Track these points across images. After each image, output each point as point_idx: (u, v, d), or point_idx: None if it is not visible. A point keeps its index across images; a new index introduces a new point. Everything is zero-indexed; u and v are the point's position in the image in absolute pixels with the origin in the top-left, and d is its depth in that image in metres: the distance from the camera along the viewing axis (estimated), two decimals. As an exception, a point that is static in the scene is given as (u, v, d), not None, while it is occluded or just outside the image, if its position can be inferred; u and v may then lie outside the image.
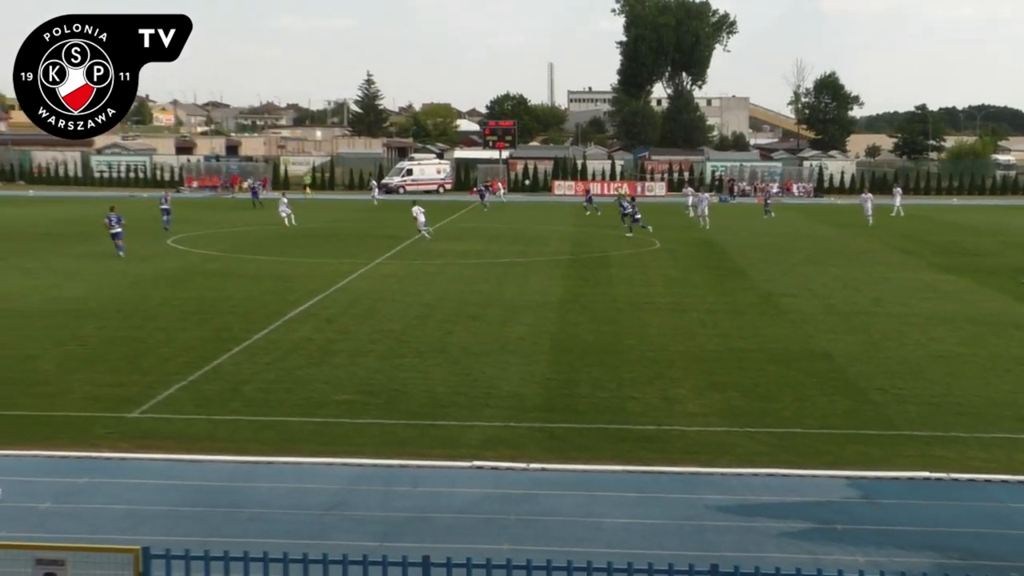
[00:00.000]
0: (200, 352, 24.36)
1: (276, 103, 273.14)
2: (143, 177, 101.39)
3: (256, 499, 15.04)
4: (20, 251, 44.59)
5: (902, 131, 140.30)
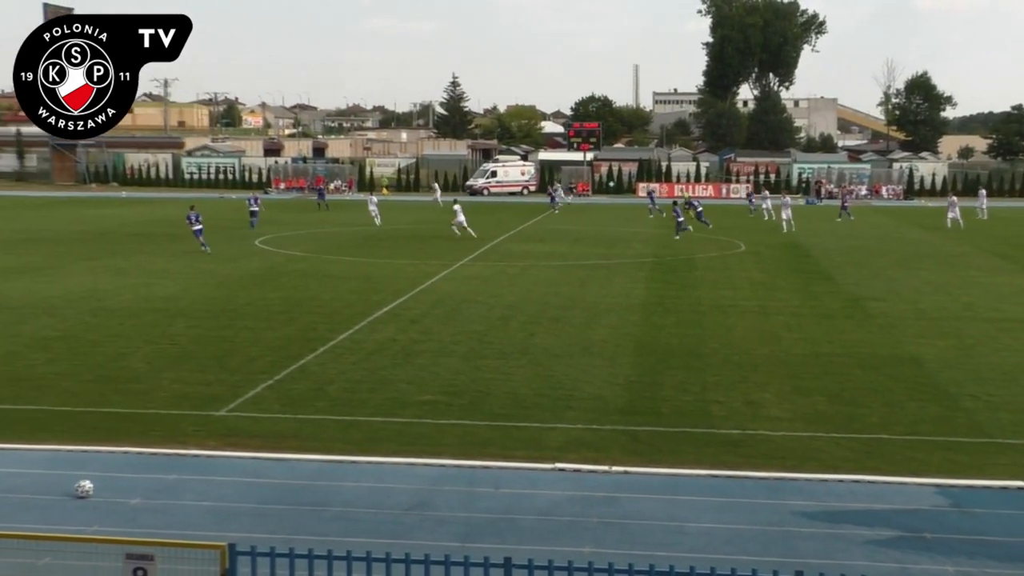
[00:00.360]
0: (286, 352, 24.65)
1: (362, 105, 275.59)
2: (232, 179, 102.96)
3: (340, 498, 15.17)
4: (113, 251, 45.52)
5: (997, 132, 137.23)
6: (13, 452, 17.05)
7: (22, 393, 20.72)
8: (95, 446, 17.33)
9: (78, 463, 16.38)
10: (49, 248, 46.65)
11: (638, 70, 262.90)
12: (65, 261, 41.84)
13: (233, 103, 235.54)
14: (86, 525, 13.52)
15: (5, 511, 14.29)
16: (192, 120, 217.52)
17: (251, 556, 9.59)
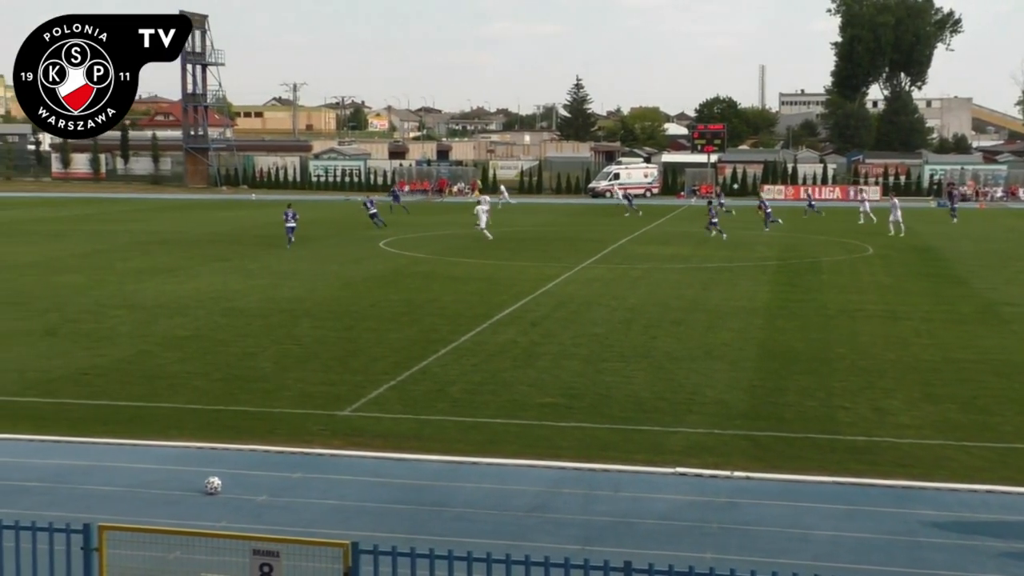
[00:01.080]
0: (408, 353, 24.91)
1: (486, 108, 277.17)
2: (357, 181, 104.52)
3: (460, 498, 15.27)
4: (242, 253, 46.58)
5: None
6: (147, 448, 17.55)
7: (156, 391, 21.32)
8: (224, 444, 17.74)
9: (208, 460, 16.79)
10: (181, 249, 47.95)
11: (764, 71, 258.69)
12: (196, 262, 42.95)
13: (359, 107, 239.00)
14: (215, 521, 13.84)
15: (139, 506, 14.71)
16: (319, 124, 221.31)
17: (373, 555, 9.71)
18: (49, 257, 44.65)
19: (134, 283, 36.53)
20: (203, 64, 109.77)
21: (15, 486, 15.58)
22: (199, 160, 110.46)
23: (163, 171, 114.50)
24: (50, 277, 38.03)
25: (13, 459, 16.91)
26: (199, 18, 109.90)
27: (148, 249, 48.14)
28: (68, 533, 10.10)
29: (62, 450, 17.41)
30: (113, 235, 54.73)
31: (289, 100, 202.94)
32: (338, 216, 69.98)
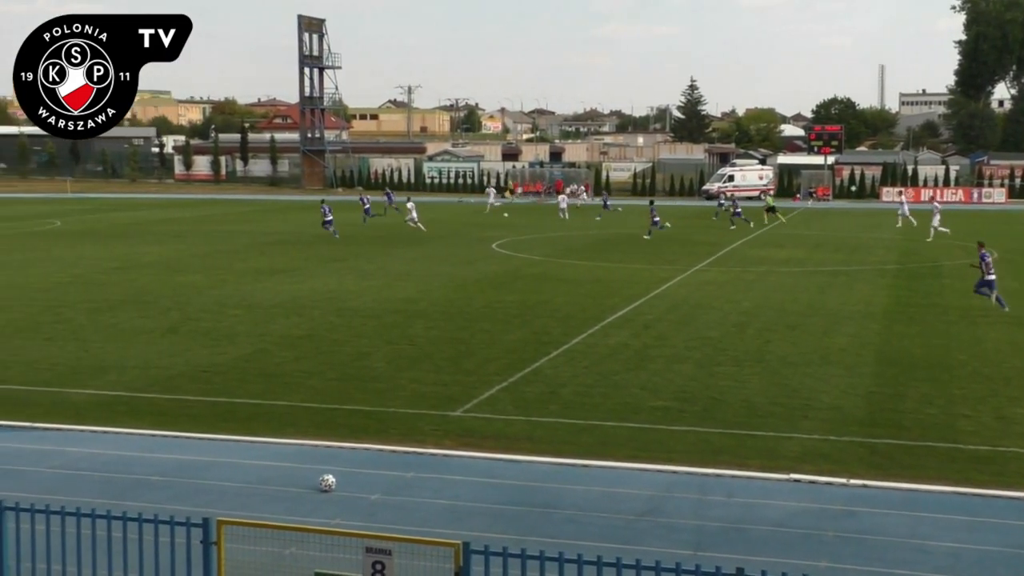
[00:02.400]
0: (520, 354, 24.96)
1: (599, 110, 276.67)
2: (471, 183, 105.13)
3: (571, 501, 15.24)
4: (357, 253, 47.17)
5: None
6: (264, 445, 17.88)
7: (272, 389, 21.70)
8: (338, 442, 17.97)
9: (322, 458, 17.03)
10: (298, 250, 48.76)
11: (884, 70, 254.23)
12: (312, 263, 43.63)
13: (473, 109, 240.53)
14: (329, 518, 14.03)
15: (256, 502, 14.98)
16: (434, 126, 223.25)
17: (484, 555, 9.73)
18: (171, 257, 45.80)
19: (252, 283, 37.25)
20: (320, 68, 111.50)
21: (138, 479, 16.00)
22: (315, 162, 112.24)
23: (281, 173, 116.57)
24: (172, 276, 38.99)
25: (136, 453, 17.36)
26: (317, 22, 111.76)
27: (266, 250, 49.05)
28: (188, 527, 10.32)
29: (183, 445, 17.82)
30: (232, 236, 55.90)
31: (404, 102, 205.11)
32: (452, 217, 70.43)
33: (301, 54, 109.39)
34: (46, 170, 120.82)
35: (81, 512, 10.71)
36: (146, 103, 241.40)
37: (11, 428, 18.81)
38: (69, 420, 19.26)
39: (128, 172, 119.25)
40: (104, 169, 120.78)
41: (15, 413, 19.67)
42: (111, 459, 17.04)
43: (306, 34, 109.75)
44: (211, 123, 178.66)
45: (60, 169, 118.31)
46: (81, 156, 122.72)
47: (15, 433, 18.53)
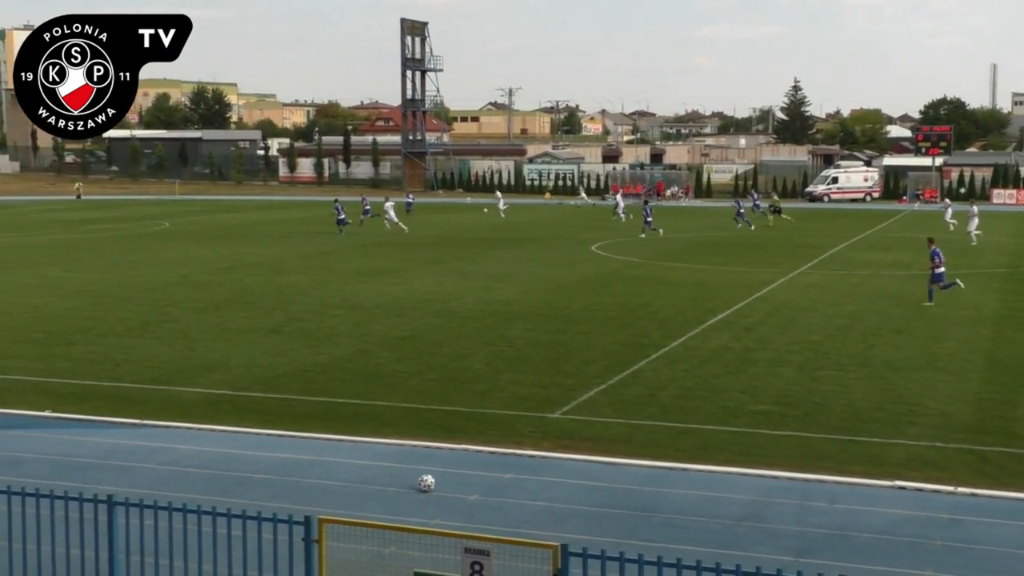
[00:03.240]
0: (619, 357, 24.88)
1: (701, 111, 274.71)
2: (571, 185, 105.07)
3: (670, 504, 15.15)
4: (457, 255, 47.48)
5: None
6: (365, 445, 18.07)
7: (373, 389, 21.93)
8: (437, 443, 18.09)
9: (422, 458, 17.15)
10: (399, 252, 49.21)
11: (996, 69, 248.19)
12: (413, 264, 44.00)
13: (574, 110, 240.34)
14: (428, 518, 14.12)
15: (357, 500, 15.15)
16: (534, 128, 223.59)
17: (583, 558, 9.70)
18: (274, 258, 46.56)
19: (354, 284, 37.69)
20: (422, 70, 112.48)
21: (242, 477, 16.29)
22: (417, 164, 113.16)
23: (383, 175, 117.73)
24: (275, 277, 39.63)
25: (240, 451, 17.68)
26: (419, 25, 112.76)
27: (367, 251, 49.59)
28: (290, 524, 10.47)
29: (285, 444, 18.09)
30: (334, 237, 56.60)
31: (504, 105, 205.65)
32: (551, 219, 70.48)
33: (403, 57, 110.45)
34: (156, 172, 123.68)
35: (188, 508, 10.94)
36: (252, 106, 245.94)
37: (122, 425, 19.29)
38: (177, 417, 19.69)
39: (234, 174, 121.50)
40: (211, 171, 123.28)
41: (126, 410, 20.18)
42: (217, 456, 17.38)
43: (409, 37, 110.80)
44: (315, 126, 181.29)
45: (169, 172, 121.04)
46: (189, 159, 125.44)
47: (126, 430, 19.00)
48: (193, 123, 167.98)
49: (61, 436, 18.57)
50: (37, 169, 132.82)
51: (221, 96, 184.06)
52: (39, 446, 17.93)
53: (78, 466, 16.74)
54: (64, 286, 37.44)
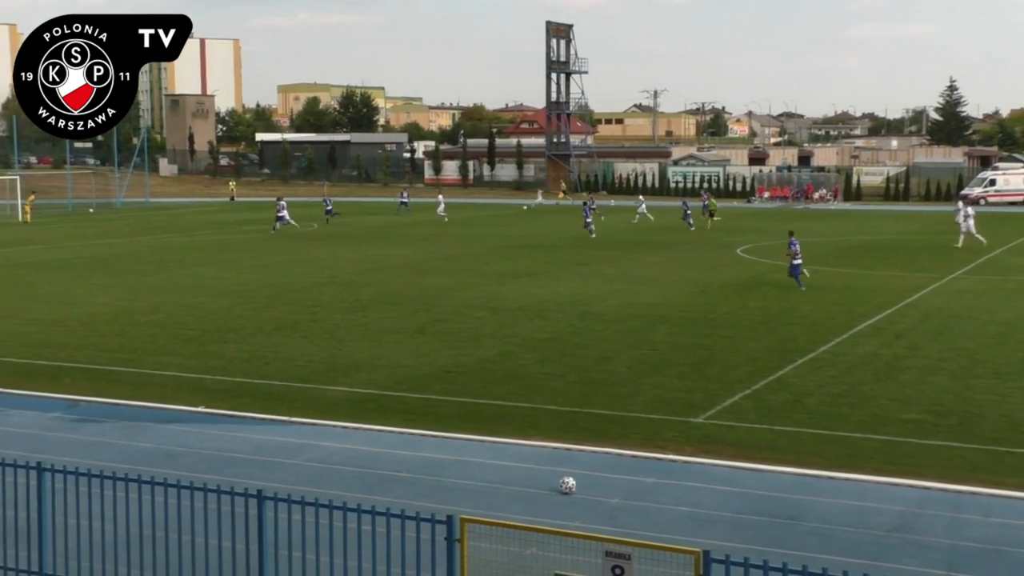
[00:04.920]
0: (764, 362, 24.51)
1: (851, 112, 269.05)
2: (716, 187, 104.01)
3: (816, 513, 14.85)
4: (601, 257, 47.40)
5: None
6: (506, 446, 18.16)
7: (515, 391, 22.03)
8: (579, 445, 18.08)
9: (563, 460, 17.16)
10: (542, 254, 49.37)
11: None
12: (556, 266, 44.08)
13: (719, 112, 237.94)
14: (569, 520, 14.12)
15: (499, 501, 15.24)
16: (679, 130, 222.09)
17: (725, 565, 9.57)
18: (419, 259, 47.16)
19: (497, 286, 37.93)
20: (567, 73, 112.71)
21: (386, 475, 16.53)
22: (561, 166, 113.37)
23: (526, 177, 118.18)
24: (420, 278, 40.14)
25: (385, 450, 17.95)
26: (564, 28, 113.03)
27: (510, 253, 49.86)
28: (433, 523, 10.58)
29: (428, 443, 18.30)
30: (478, 239, 57.08)
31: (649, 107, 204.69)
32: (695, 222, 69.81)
33: (548, 59, 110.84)
34: (305, 175, 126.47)
35: (333, 504, 11.14)
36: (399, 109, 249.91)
37: (272, 422, 19.77)
38: (323, 415, 20.08)
39: (380, 176, 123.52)
40: (358, 174, 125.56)
41: (275, 407, 20.68)
42: (362, 454, 17.68)
43: (554, 40, 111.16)
44: (460, 128, 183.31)
45: (318, 174, 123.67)
46: (337, 161, 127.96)
47: (275, 426, 19.47)
48: (342, 126, 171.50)
49: (213, 431, 19.14)
50: (194, 172, 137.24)
51: (369, 100, 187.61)
52: (193, 440, 18.51)
53: (229, 461, 17.22)
54: (218, 285, 38.59)
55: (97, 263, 46.69)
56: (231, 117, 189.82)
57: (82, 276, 41.75)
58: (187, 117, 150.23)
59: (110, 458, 16.82)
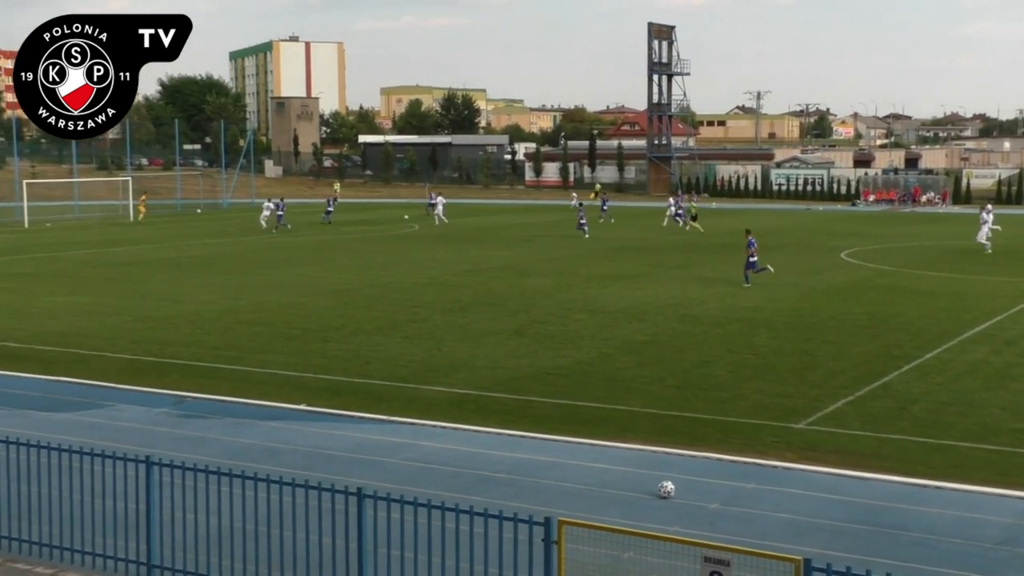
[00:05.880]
0: (868, 368, 24.07)
1: (961, 113, 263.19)
2: (820, 190, 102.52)
3: (921, 523, 14.54)
4: (701, 261, 47.02)
5: None
6: (604, 448, 18.10)
7: (613, 393, 21.95)
8: (678, 449, 17.95)
9: (661, 464, 17.05)
10: (643, 256, 49.13)
11: None
12: (656, 269, 43.84)
13: (824, 114, 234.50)
14: (667, 525, 14.02)
15: (596, 504, 15.19)
16: (782, 132, 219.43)
17: (826, 573, 9.43)
18: (519, 261, 47.27)
19: (597, 288, 37.85)
20: (669, 74, 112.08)
21: (483, 476, 16.59)
22: (662, 169, 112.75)
23: (627, 179, 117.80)
24: (520, 280, 40.22)
25: (482, 450, 18.01)
26: (666, 29, 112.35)
27: (610, 255, 49.71)
28: (530, 524, 10.59)
29: (526, 445, 18.32)
30: (579, 241, 57.00)
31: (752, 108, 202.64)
32: (798, 225, 68.97)
33: (650, 61, 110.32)
34: (407, 176, 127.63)
35: (431, 504, 11.22)
36: (500, 111, 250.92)
37: (372, 420, 19.97)
38: (422, 415, 20.22)
39: (481, 178, 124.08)
40: (459, 175, 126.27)
41: (375, 406, 20.89)
42: (460, 454, 17.76)
43: (656, 41, 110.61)
44: (561, 130, 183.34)
45: (419, 175, 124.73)
46: (439, 163, 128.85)
47: (374, 425, 19.66)
48: (443, 128, 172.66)
49: (314, 429, 19.40)
50: (298, 173, 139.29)
51: (470, 102, 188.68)
52: (293, 438, 18.78)
53: (329, 458, 17.43)
54: (320, 285, 39.12)
55: (204, 262, 47.68)
56: (335, 119, 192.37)
57: (189, 275, 42.66)
58: (292, 119, 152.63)
59: (214, 453, 17.15)
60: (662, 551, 10.01)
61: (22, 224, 71.54)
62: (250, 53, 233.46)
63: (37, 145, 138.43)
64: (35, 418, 20.01)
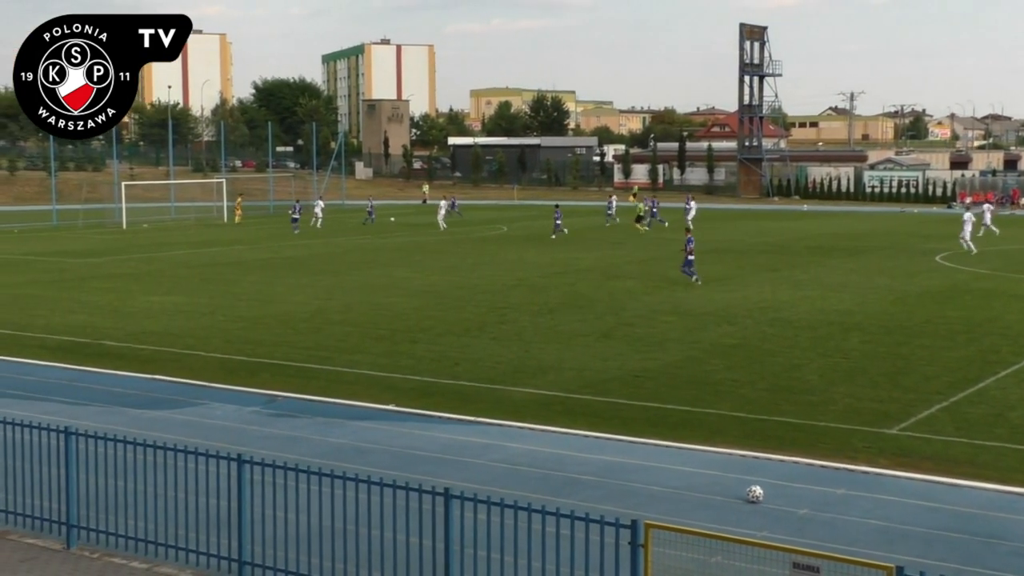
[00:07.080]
0: (964, 373, 23.60)
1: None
2: (914, 192, 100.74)
3: (1018, 533, 14.21)
4: (791, 263, 46.49)
5: None
6: (692, 452, 17.97)
7: (702, 396, 21.79)
8: (767, 453, 17.76)
9: (750, 468, 16.89)
10: (731, 258, 48.70)
11: None
12: (746, 271, 43.44)
13: (919, 115, 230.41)
14: (756, 530, 13.89)
15: (684, 507, 15.10)
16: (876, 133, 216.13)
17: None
18: (607, 263, 47.17)
19: (684, 290, 37.62)
20: (760, 75, 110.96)
21: (571, 478, 16.58)
22: (752, 170, 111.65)
23: (717, 181, 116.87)
24: (607, 282, 40.13)
25: (569, 452, 18.00)
26: (758, 30, 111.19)
27: (700, 257, 49.16)
28: (617, 527, 10.57)
29: (613, 447, 18.27)
30: (666, 243, 56.63)
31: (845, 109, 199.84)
32: (892, 228, 67.86)
33: (742, 62, 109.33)
34: (496, 178, 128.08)
35: (519, 505, 11.24)
36: (589, 113, 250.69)
37: (459, 421, 20.07)
38: (510, 416, 20.26)
39: (570, 180, 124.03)
40: (548, 177, 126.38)
41: (463, 407, 20.99)
42: (547, 456, 17.77)
43: (747, 42, 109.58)
44: (650, 132, 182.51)
45: (508, 177, 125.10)
46: (527, 165, 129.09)
47: (462, 426, 19.76)
48: (532, 130, 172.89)
49: (402, 429, 19.55)
50: (388, 175, 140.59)
51: (560, 104, 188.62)
52: (382, 438, 18.95)
53: (417, 459, 17.55)
54: (409, 286, 39.41)
55: (295, 263, 48.33)
56: (424, 121, 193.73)
57: (281, 275, 43.28)
58: (383, 121, 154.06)
59: (305, 452, 17.37)
60: (750, 556, 9.92)
61: (120, 225, 73.24)
62: (342, 56, 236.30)
63: (135, 147, 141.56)
64: (131, 415, 20.46)
